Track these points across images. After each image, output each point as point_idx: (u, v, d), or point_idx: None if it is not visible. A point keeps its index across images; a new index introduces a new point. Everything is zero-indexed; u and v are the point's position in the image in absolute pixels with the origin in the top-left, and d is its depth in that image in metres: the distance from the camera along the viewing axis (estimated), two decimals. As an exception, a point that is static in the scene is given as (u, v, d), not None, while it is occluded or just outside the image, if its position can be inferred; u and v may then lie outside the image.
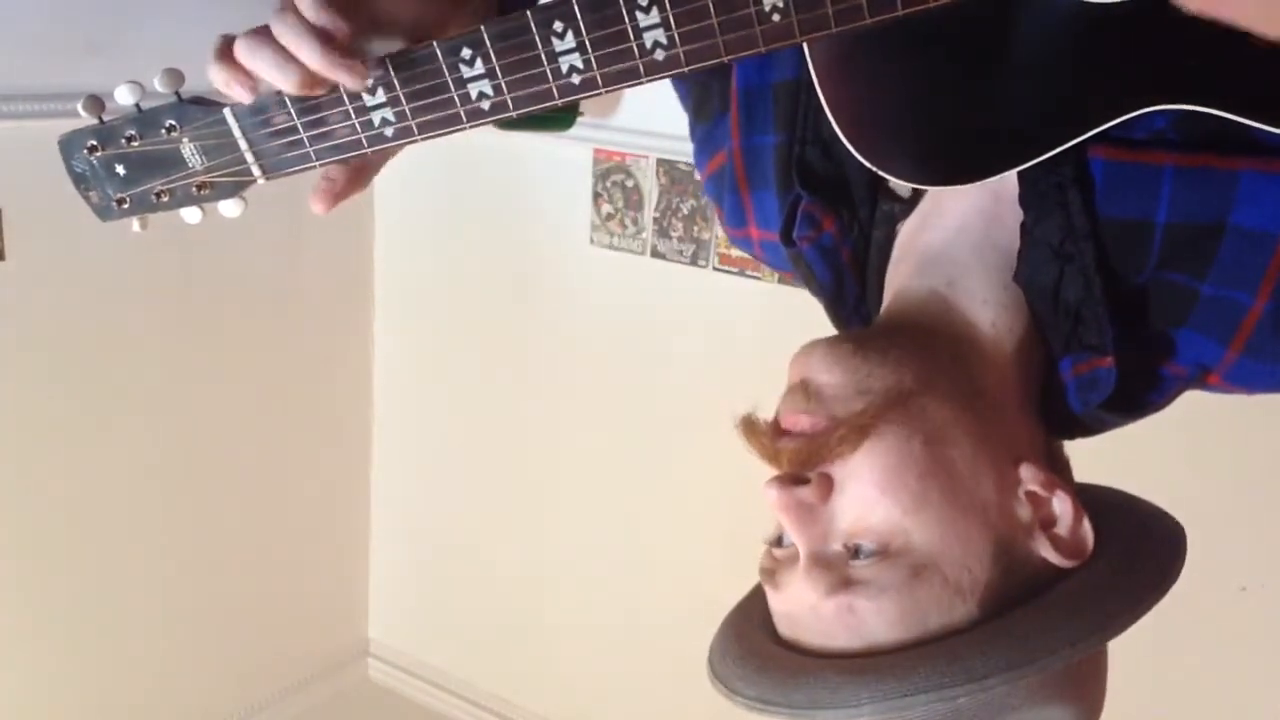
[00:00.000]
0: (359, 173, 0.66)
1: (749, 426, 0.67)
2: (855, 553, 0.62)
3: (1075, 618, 0.61)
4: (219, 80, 0.61)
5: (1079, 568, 0.64)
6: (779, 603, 0.66)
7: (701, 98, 0.84)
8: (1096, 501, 0.67)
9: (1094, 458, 0.75)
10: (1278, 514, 1.93)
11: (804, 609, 0.63)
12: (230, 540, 2.64)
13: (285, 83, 0.59)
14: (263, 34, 0.59)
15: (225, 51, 0.60)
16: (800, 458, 0.64)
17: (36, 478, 2.23)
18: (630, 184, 2.43)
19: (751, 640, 0.67)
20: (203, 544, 2.58)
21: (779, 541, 0.67)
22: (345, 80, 0.59)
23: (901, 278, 0.73)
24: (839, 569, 0.62)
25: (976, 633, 0.61)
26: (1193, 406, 0.74)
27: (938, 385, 0.65)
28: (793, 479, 0.64)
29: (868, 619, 0.61)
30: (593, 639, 2.73)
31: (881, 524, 0.62)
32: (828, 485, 0.64)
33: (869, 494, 0.62)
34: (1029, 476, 0.65)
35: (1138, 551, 0.66)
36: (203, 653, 2.64)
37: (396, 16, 0.62)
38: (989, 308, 0.69)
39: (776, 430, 0.66)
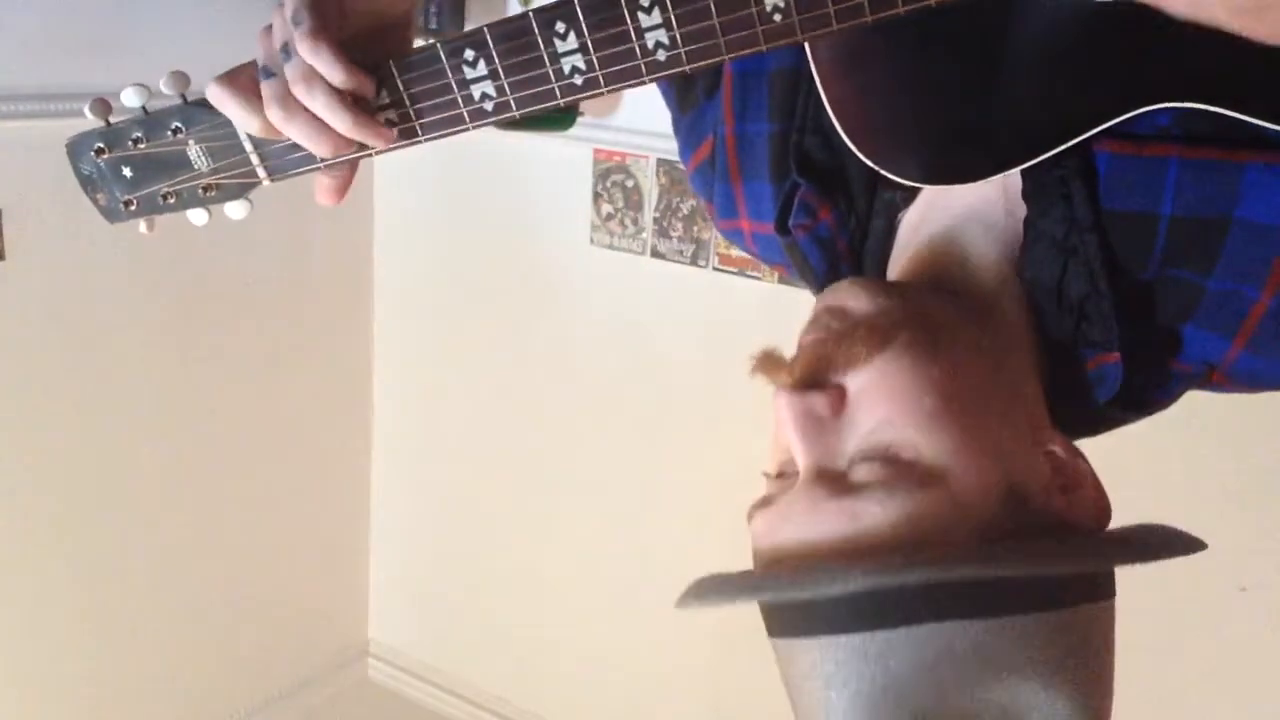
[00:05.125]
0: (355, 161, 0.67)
1: (769, 360, 0.63)
2: (860, 460, 0.59)
3: (1075, 552, 0.59)
4: (247, 124, 0.62)
5: (1092, 531, 0.62)
6: (765, 517, 0.61)
7: (684, 91, 0.83)
8: None
9: (1094, 458, 0.75)
10: (1278, 514, 1.93)
11: (795, 515, 0.59)
12: (230, 540, 2.64)
13: (320, 150, 0.61)
14: (291, 101, 0.59)
15: (238, 94, 0.60)
16: (813, 364, 0.61)
17: (36, 477, 2.23)
18: (630, 184, 2.43)
19: (725, 574, 0.61)
20: (202, 544, 2.58)
21: (780, 475, 0.63)
22: (376, 144, 0.61)
23: (912, 258, 0.72)
24: (842, 480, 0.59)
25: (974, 551, 0.56)
26: (1192, 406, 0.74)
27: (962, 332, 0.64)
28: (804, 385, 0.60)
29: (867, 523, 0.56)
30: (593, 639, 2.74)
31: (893, 438, 0.58)
32: (839, 396, 0.60)
33: (882, 406, 0.59)
34: (1051, 438, 0.64)
35: (1150, 527, 0.63)
36: (203, 653, 2.64)
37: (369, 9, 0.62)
38: (1000, 293, 0.69)
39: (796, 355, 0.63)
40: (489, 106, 0.60)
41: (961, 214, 0.71)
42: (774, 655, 0.62)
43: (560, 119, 2.27)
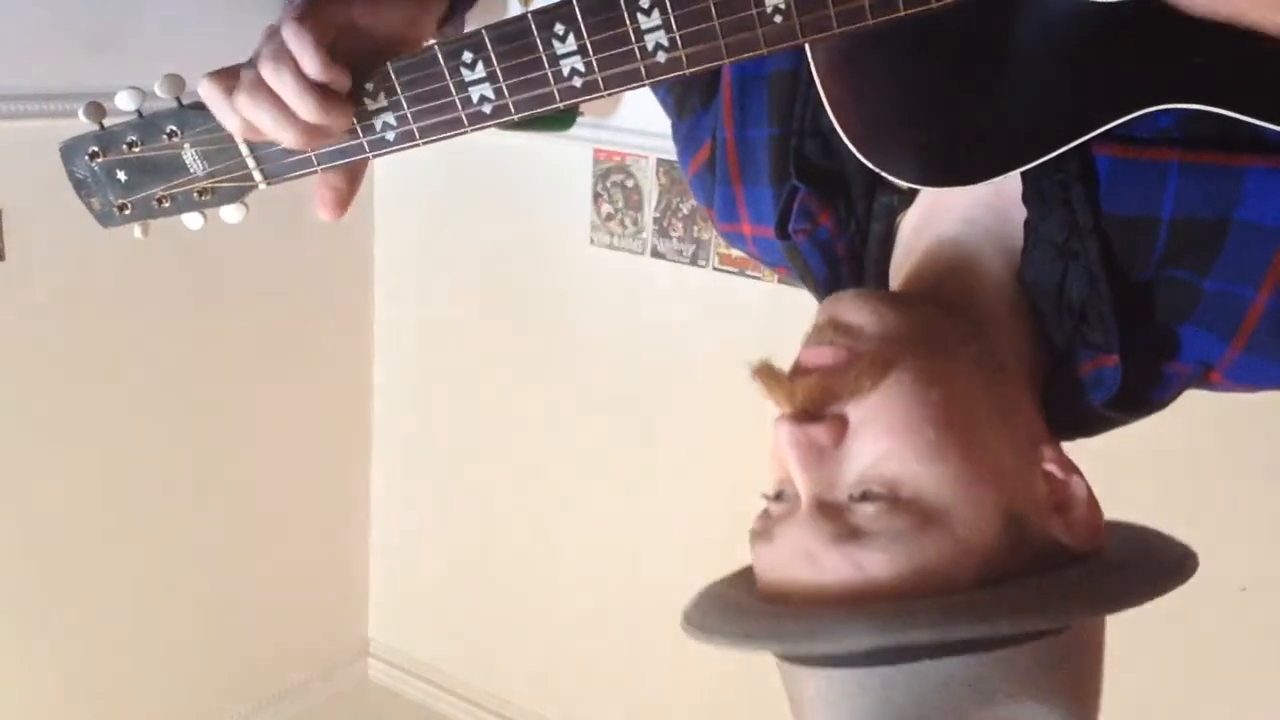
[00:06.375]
0: (356, 172, 0.67)
1: (767, 372, 0.64)
2: (863, 498, 0.59)
3: (1082, 590, 0.59)
4: (227, 122, 0.61)
5: (1087, 555, 0.63)
6: (771, 555, 0.62)
7: (682, 96, 0.84)
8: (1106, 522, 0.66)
9: (1095, 458, 0.75)
10: (1278, 514, 1.93)
11: (801, 558, 0.60)
12: (230, 540, 2.64)
13: (286, 139, 0.60)
14: (262, 87, 0.59)
15: (226, 92, 0.60)
16: (815, 395, 0.61)
17: (36, 477, 2.23)
18: (630, 184, 2.43)
19: (731, 598, 0.64)
20: (202, 544, 2.58)
21: (778, 497, 0.63)
22: (340, 125, 0.61)
23: (913, 267, 0.73)
24: (843, 516, 0.59)
25: (980, 591, 0.58)
26: (1193, 406, 0.74)
27: (962, 350, 0.64)
28: (805, 416, 0.61)
29: (872, 572, 0.57)
30: (593, 639, 2.73)
31: (894, 471, 0.59)
32: (841, 426, 0.61)
33: (883, 439, 0.59)
34: (1048, 456, 0.64)
35: (1147, 548, 0.64)
36: (203, 653, 2.64)
37: (375, 29, 0.62)
38: (1000, 301, 0.69)
39: (796, 371, 0.63)
40: (487, 109, 0.60)
41: (959, 218, 0.71)
42: (778, 670, 0.63)
43: (560, 119, 2.27)
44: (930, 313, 0.65)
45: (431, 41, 0.59)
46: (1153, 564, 0.62)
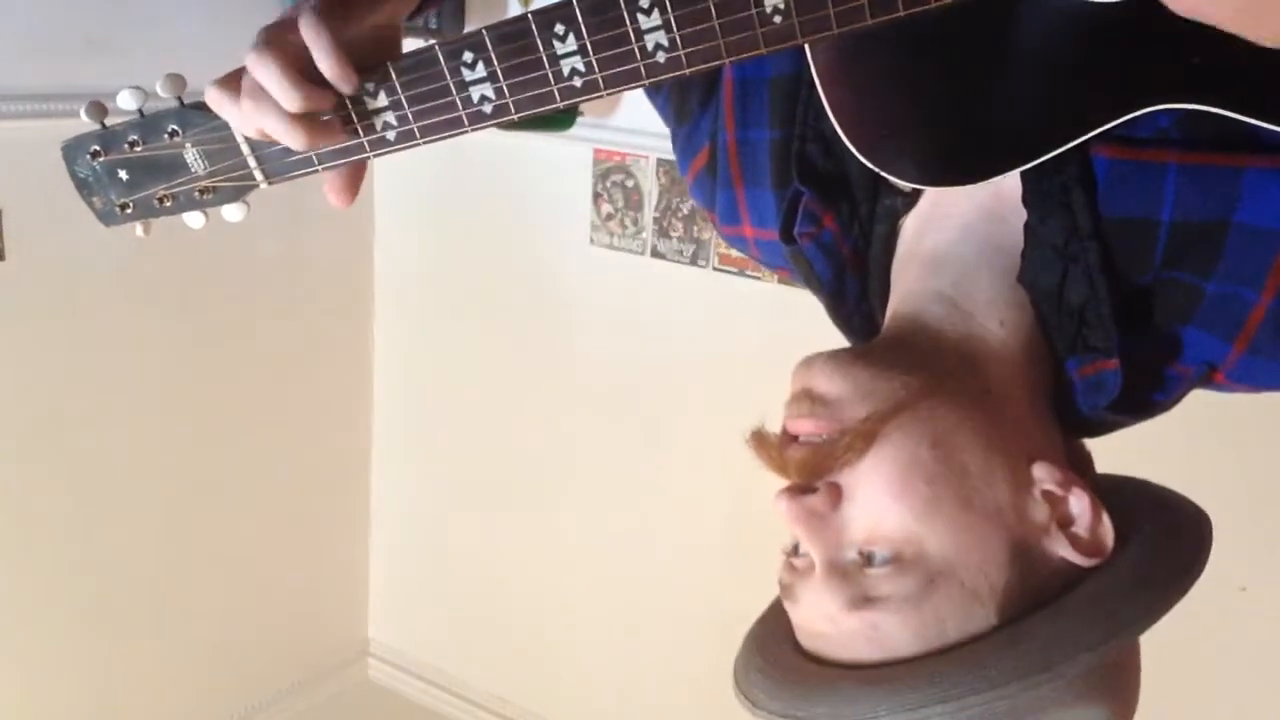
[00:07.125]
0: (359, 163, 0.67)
1: (759, 440, 0.66)
2: (869, 560, 0.62)
3: (1096, 620, 0.60)
4: (241, 125, 0.61)
5: (1100, 566, 0.63)
6: (798, 615, 0.66)
7: (680, 102, 0.84)
8: (1117, 493, 0.67)
9: (1095, 458, 0.75)
10: (1278, 514, 1.93)
11: (823, 620, 0.63)
12: (230, 540, 2.64)
13: (292, 142, 0.60)
14: (263, 95, 0.59)
15: (233, 96, 0.60)
16: (808, 467, 0.64)
17: (36, 477, 2.23)
18: (630, 184, 2.43)
19: (774, 652, 0.67)
20: (202, 544, 2.58)
21: (796, 550, 0.66)
22: (322, 107, 0.60)
23: (907, 281, 0.73)
24: (856, 579, 0.62)
25: (996, 638, 0.60)
26: (1193, 407, 0.74)
27: (945, 387, 0.65)
28: (801, 489, 0.64)
29: (889, 632, 0.61)
30: (592, 639, 2.74)
31: (894, 531, 0.61)
32: (836, 493, 0.63)
33: (879, 500, 0.62)
34: (1044, 475, 0.64)
35: (1160, 547, 0.64)
36: (202, 653, 2.64)
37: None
38: (996, 308, 0.69)
39: (784, 439, 0.66)
40: (488, 109, 0.60)
41: (957, 225, 0.71)
42: None
43: (560, 119, 2.27)
44: (909, 358, 0.66)
45: (432, 42, 0.59)
46: (1163, 570, 0.62)
